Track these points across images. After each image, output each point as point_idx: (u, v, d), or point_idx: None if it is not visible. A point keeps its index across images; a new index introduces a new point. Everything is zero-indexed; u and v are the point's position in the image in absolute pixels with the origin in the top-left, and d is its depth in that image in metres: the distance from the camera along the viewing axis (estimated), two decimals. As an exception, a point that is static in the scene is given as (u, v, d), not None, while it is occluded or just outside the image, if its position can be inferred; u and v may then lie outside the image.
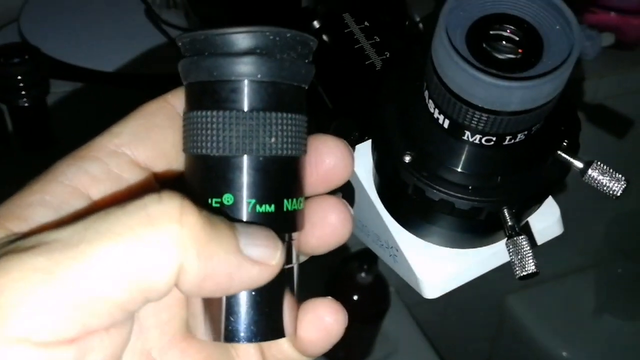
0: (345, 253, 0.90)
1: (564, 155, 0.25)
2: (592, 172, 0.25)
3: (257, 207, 0.21)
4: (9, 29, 0.80)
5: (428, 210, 0.26)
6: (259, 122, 0.21)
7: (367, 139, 0.31)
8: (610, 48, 0.95)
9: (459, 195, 0.24)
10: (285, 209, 0.22)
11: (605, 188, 0.25)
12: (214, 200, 0.21)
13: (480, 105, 0.22)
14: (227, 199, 0.21)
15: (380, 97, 0.27)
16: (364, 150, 0.31)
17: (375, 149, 0.27)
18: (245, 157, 0.21)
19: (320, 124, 0.37)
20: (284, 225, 0.22)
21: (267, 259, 0.20)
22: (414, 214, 0.28)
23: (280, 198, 0.21)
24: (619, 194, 0.25)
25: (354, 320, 0.88)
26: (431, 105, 0.24)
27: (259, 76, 0.21)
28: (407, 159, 0.25)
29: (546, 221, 0.31)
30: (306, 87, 0.23)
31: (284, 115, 0.21)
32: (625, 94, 0.97)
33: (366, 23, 0.36)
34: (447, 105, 0.23)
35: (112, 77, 0.74)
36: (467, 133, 0.23)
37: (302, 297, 0.24)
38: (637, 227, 1.12)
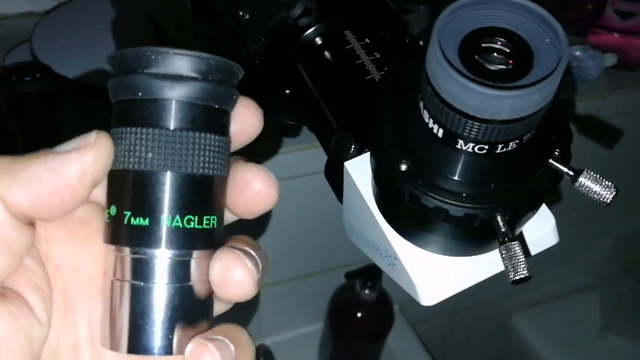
0: (349, 269, 0.90)
1: (555, 163, 0.26)
2: (583, 180, 0.26)
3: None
4: (21, 48, 0.82)
5: (424, 217, 0.27)
6: (182, 141, 0.22)
7: (367, 151, 0.32)
8: (613, 68, 0.97)
9: (453, 202, 0.25)
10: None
11: (595, 195, 0.26)
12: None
13: (472, 114, 0.23)
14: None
15: (377, 109, 0.28)
16: (364, 162, 0.32)
17: (373, 158, 0.28)
18: (168, 173, 0.22)
19: (323, 138, 0.38)
20: (183, 241, 0.23)
21: (83, 142, 0.22)
22: (411, 221, 0.29)
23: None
24: (609, 201, 0.26)
25: (357, 338, 0.88)
26: (426, 115, 0.25)
27: (186, 97, 0.22)
28: (404, 167, 0.26)
29: (541, 230, 0.32)
30: (230, 110, 0.24)
31: (206, 135, 0.23)
32: (628, 113, 0.98)
33: (367, 40, 0.37)
34: (441, 115, 0.24)
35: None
36: (461, 142, 0.24)
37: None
38: (641, 246, 1.12)
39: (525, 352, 1.17)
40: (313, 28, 0.38)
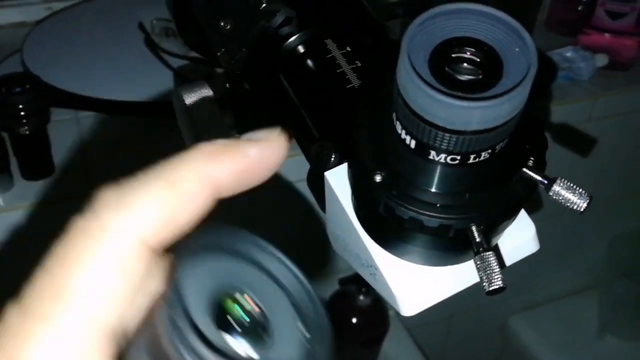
0: (343, 275, 0.90)
1: (528, 172, 0.26)
2: (557, 188, 0.26)
3: None
4: (12, 59, 0.82)
5: (400, 228, 0.26)
6: None
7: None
8: (604, 69, 0.97)
9: (427, 212, 0.25)
10: None
11: (569, 203, 0.26)
12: None
13: (442, 126, 0.23)
14: None
15: (353, 119, 0.28)
16: (344, 171, 0.32)
17: (349, 169, 0.28)
18: None
19: (305, 148, 0.38)
20: None
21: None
22: (388, 232, 0.29)
23: None
24: (582, 209, 0.25)
25: (353, 344, 0.88)
26: (399, 126, 0.25)
27: None
28: (378, 178, 0.26)
29: (521, 238, 0.31)
30: None
31: None
32: (621, 113, 0.98)
33: (348, 48, 0.37)
34: (412, 126, 0.24)
35: (112, 105, 0.76)
36: (433, 153, 0.24)
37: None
38: (637, 247, 1.12)
39: (523, 355, 1.17)
40: (294, 37, 0.38)
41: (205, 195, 0.21)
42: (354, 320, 0.85)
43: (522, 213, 0.32)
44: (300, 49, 0.38)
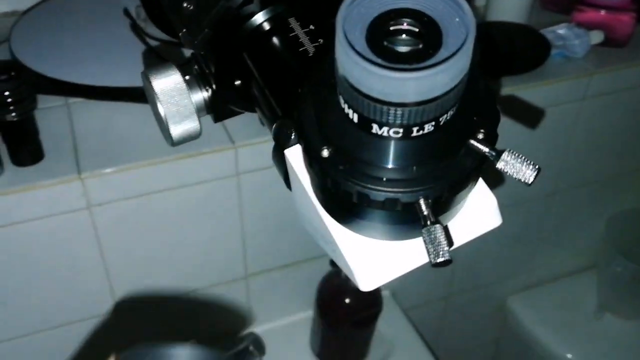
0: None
1: (476, 144, 0.25)
2: (505, 159, 0.25)
3: None
4: (1, 48, 0.82)
5: (349, 203, 0.26)
6: None
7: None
8: (599, 45, 0.95)
9: (373, 187, 0.25)
10: None
11: (518, 175, 0.25)
12: None
13: (380, 98, 0.22)
14: None
15: (301, 95, 0.28)
16: (304, 149, 0.31)
17: (300, 145, 0.28)
18: None
19: (270, 126, 0.37)
20: None
21: None
22: (341, 208, 0.29)
23: None
24: (531, 181, 0.25)
25: (346, 324, 0.88)
26: (342, 101, 0.25)
27: None
28: (325, 153, 0.26)
29: (482, 212, 0.31)
30: None
31: None
32: (616, 91, 0.97)
33: (311, 27, 0.37)
34: (353, 100, 0.23)
35: (100, 90, 0.76)
36: (375, 126, 0.24)
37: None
38: (634, 226, 1.11)
39: (522, 335, 1.17)
40: (256, 16, 0.37)
41: None
42: (347, 300, 0.85)
43: (483, 187, 0.32)
44: (263, 27, 0.38)
